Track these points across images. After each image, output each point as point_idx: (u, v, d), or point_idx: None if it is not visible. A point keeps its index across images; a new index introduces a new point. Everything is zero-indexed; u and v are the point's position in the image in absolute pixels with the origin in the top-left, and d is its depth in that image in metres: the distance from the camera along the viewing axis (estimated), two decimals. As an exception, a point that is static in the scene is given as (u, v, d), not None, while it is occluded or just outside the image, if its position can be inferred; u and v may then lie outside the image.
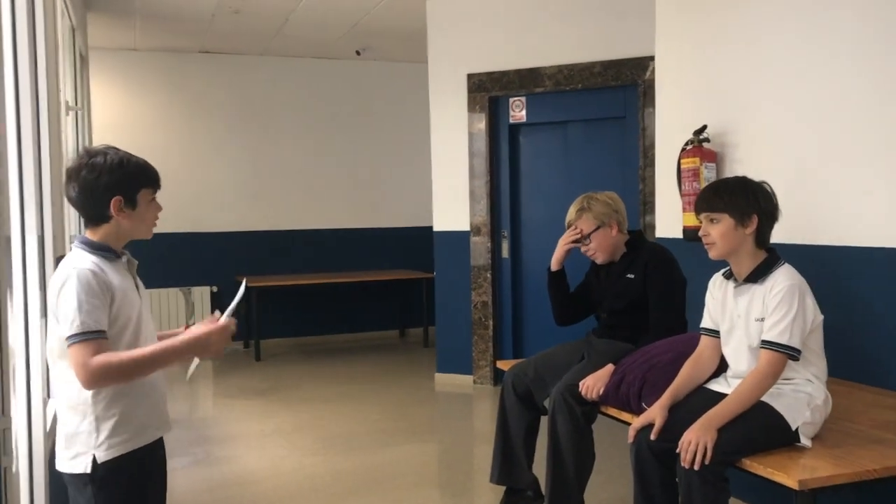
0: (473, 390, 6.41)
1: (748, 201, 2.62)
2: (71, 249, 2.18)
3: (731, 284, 2.73)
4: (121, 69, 7.99)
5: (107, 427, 2.11)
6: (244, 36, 7.65)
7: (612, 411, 3.09)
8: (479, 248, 6.50)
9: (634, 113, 5.93)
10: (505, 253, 6.51)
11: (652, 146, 5.68)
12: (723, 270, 2.81)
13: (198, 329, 2.16)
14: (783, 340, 2.49)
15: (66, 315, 2.01)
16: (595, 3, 5.98)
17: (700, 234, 2.70)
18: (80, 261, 2.10)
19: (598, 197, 3.45)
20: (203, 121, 8.25)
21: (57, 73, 3.60)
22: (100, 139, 7.77)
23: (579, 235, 3.43)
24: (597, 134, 6.24)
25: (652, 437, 2.59)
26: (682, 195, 4.13)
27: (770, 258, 2.64)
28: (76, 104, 5.30)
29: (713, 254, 2.67)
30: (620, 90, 6.01)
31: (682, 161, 4.11)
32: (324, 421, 5.57)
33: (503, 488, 3.67)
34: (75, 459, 2.13)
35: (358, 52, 8.28)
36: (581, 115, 6.24)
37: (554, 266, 3.58)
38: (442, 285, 6.73)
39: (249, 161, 8.43)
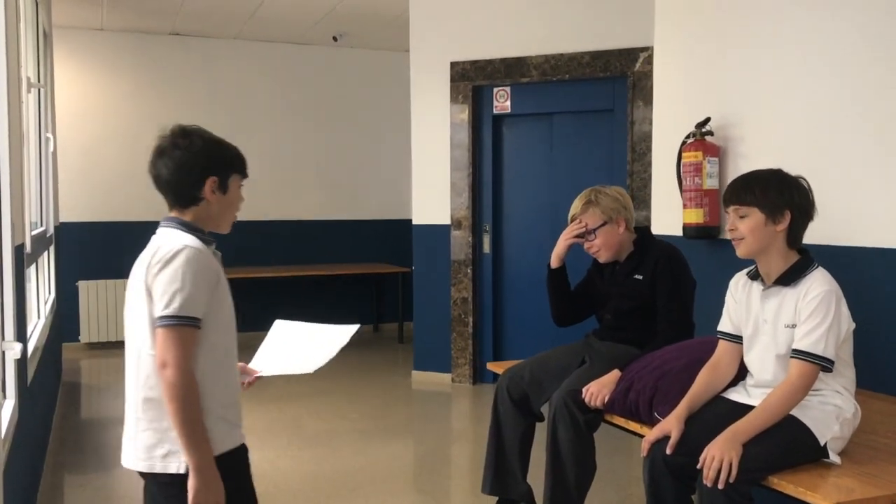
0: (452, 389, 6.21)
1: (781, 195, 2.41)
2: (157, 232, 2.03)
3: (757, 286, 2.52)
4: (87, 49, 7.65)
5: (208, 420, 1.92)
6: (217, 18, 7.35)
7: (619, 420, 2.90)
8: (460, 243, 6.29)
9: (623, 106, 5.76)
10: (486, 248, 6.31)
11: (641, 140, 5.53)
12: (746, 270, 2.60)
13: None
14: (818, 351, 2.30)
15: (165, 293, 1.88)
16: (585, -8, 5.80)
17: (727, 228, 2.48)
18: (185, 239, 1.98)
19: (606, 191, 3.21)
20: (173, 106, 7.90)
21: (18, 47, 3.32)
22: (66, 120, 7.46)
23: (584, 230, 3.21)
24: (584, 127, 6.06)
25: (668, 451, 2.39)
26: (682, 191, 3.96)
27: (803, 260, 2.44)
28: (38, 82, 5.00)
29: (741, 251, 2.46)
30: (609, 82, 5.83)
31: (682, 155, 3.94)
32: (298, 419, 5.33)
33: (489, 496, 3.45)
34: (167, 458, 1.92)
35: (335, 39, 8.03)
36: (567, 106, 6.06)
37: (554, 263, 3.34)
38: (420, 280, 6.51)
39: (220, 148, 8.12)
